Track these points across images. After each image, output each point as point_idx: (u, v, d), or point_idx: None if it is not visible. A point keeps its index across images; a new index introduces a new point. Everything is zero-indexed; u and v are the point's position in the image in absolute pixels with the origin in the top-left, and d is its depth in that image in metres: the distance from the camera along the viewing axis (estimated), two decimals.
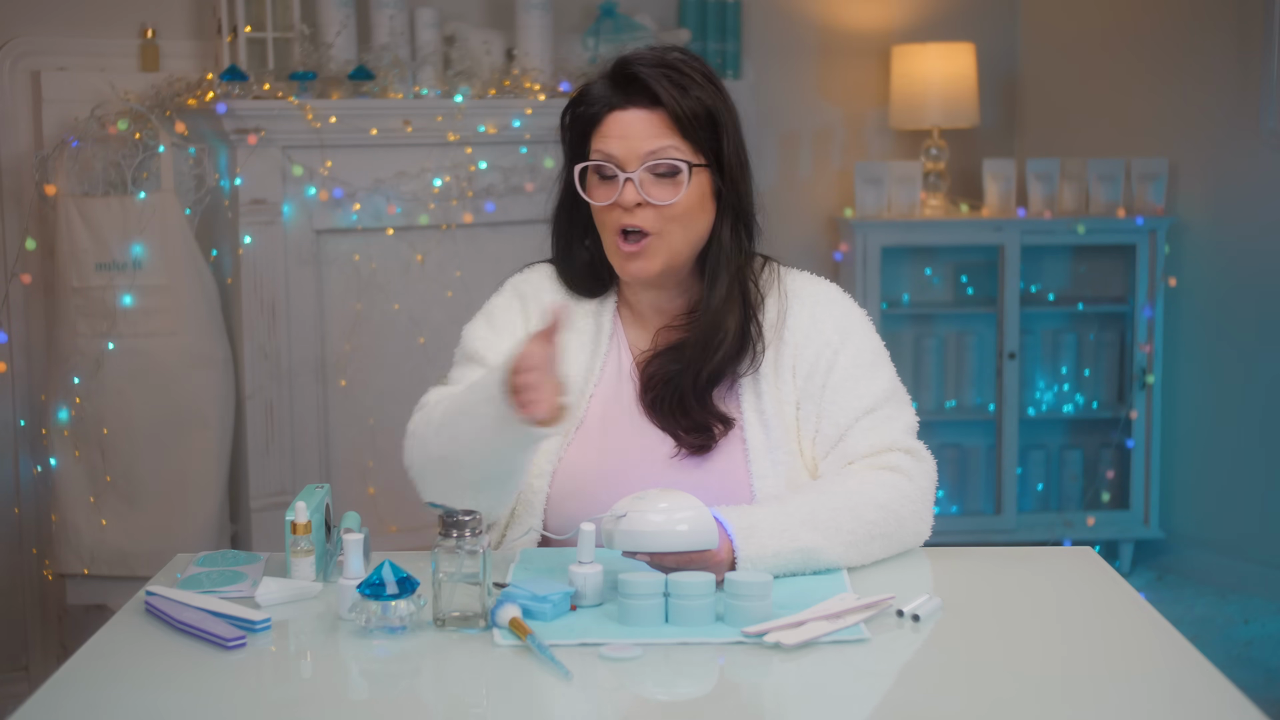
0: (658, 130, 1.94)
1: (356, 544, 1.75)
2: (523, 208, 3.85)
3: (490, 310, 2.12)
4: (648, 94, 1.94)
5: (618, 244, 1.96)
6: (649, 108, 1.94)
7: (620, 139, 1.94)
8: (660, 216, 1.94)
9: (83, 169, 3.44)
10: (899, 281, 4.63)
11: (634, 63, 1.96)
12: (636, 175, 1.93)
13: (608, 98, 1.96)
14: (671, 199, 1.93)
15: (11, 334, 3.52)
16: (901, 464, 1.97)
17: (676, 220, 1.95)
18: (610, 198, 1.95)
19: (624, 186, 1.93)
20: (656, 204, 1.93)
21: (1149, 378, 4.46)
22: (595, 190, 1.97)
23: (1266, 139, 4.18)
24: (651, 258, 1.95)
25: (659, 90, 1.93)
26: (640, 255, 1.95)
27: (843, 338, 2.03)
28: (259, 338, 3.56)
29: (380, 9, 3.71)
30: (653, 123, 1.94)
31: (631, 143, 1.94)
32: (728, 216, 2.00)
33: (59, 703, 1.52)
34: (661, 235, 1.94)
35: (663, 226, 1.94)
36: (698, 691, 1.59)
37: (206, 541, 3.46)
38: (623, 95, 1.95)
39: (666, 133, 1.94)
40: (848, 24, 4.70)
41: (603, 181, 1.96)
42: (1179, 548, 4.52)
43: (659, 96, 1.94)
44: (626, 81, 1.96)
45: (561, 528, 1.98)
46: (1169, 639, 1.67)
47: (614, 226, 1.96)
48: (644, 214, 1.94)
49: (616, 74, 1.97)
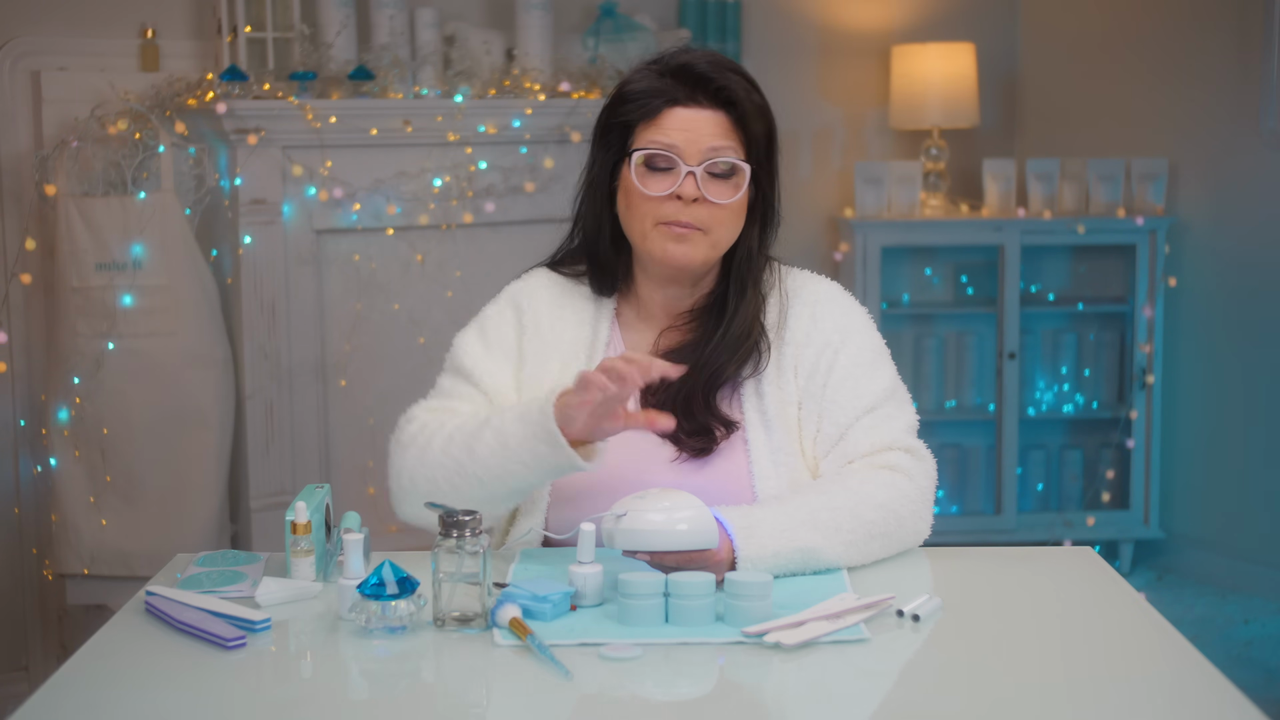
0: (722, 129, 1.95)
1: (356, 544, 1.75)
2: (523, 208, 3.85)
3: (484, 321, 2.10)
4: (717, 95, 1.95)
5: (664, 229, 1.95)
6: (713, 107, 1.95)
7: (683, 132, 1.94)
8: (712, 215, 1.95)
9: (83, 169, 3.44)
10: (899, 281, 4.63)
11: (700, 63, 1.96)
12: (699, 170, 1.93)
13: (668, 93, 1.96)
14: (728, 198, 1.95)
15: (11, 334, 3.52)
16: (901, 463, 1.97)
17: (725, 222, 1.96)
18: (664, 189, 1.95)
19: (684, 179, 1.94)
20: (714, 201, 1.94)
21: (1149, 378, 4.46)
22: (648, 180, 1.96)
23: (1266, 139, 4.18)
24: (696, 246, 1.96)
25: (735, 89, 1.95)
26: (687, 240, 1.95)
27: (843, 337, 2.04)
28: (259, 338, 3.56)
29: (380, 9, 3.71)
30: (716, 121, 1.95)
31: (695, 136, 1.94)
32: (757, 223, 2.02)
33: (59, 703, 1.52)
34: (709, 232, 1.96)
35: (713, 225, 1.96)
36: (698, 691, 1.59)
37: (206, 541, 3.46)
38: (686, 92, 1.95)
39: (729, 132, 1.95)
40: (848, 24, 4.70)
41: (653, 173, 1.96)
42: (1179, 548, 4.52)
43: (731, 96, 1.95)
44: (694, 80, 1.96)
45: (562, 529, 1.98)
46: (1169, 639, 1.67)
47: (661, 216, 1.95)
48: (697, 210, 1.94)
49: (679, 72, 1.97)
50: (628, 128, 1.99)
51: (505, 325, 2.08)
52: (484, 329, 2.09)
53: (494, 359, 2.06)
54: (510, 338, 2.07)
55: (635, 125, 1.98)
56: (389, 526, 3.68)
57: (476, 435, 1.91)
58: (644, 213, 1.97)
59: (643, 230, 1.97)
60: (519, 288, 2.12)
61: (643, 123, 1.97)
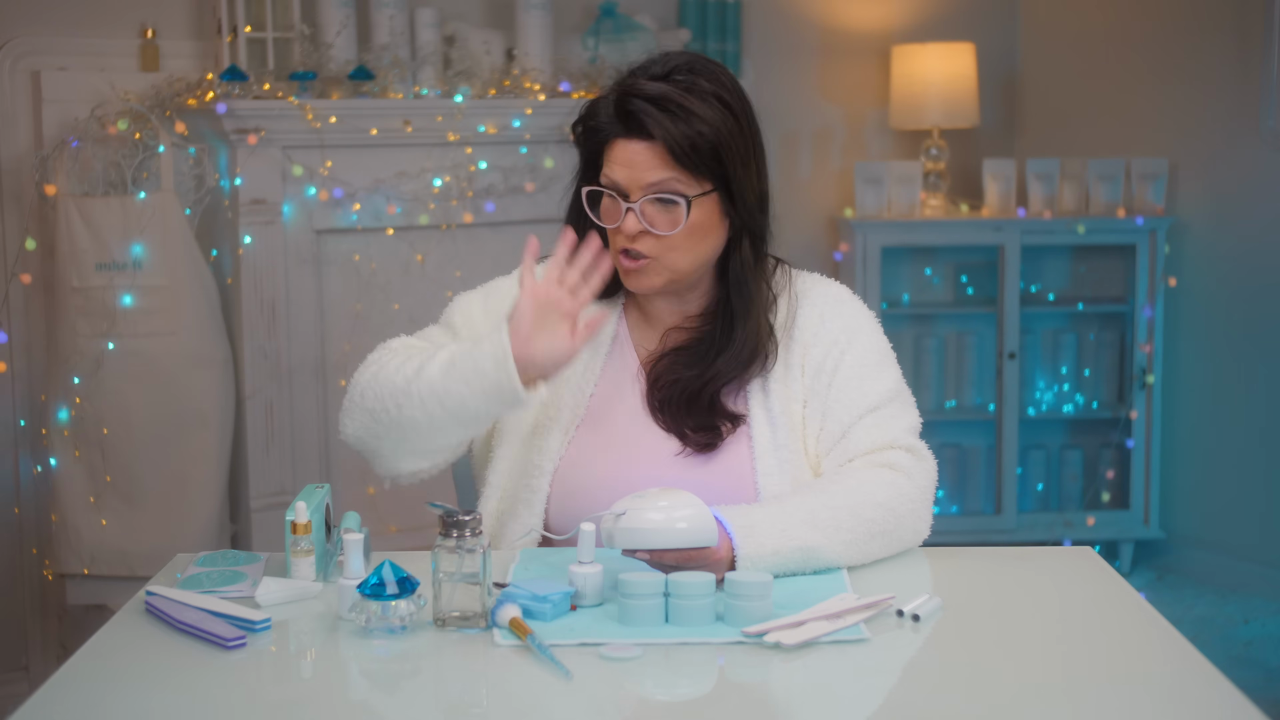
0: (658, 162, 1.93)
1: (356, 544, 1.75)
2: (523, 208, 3.85)
3: (491, 289, 2.13)
4: (644, 128, 1.93)
5: (621, 261, 1.98)
6: (648, 140, 1.93)
7: (624, 167, 1.94)
8: (660, 244, 1.95)
9: (83, 169, 3.44)
10: (899, 281, 4.63)
11: (633, 95, 1.93)
12: (638, 205, 1.93)
13: (611, 125, 1.96)
14: (672, 228, 1.94)
15: (11, 334, 3.52)
16: (901, 462, 1.98)
17: (677, 247, 1.96)
18: (613, 220, 1.96)
19: (625, 216, 1.94)
20: (656, 233, 1.94)
21: (1149, 378, 4.46)
22: (605, 210, 1.98)
23: (1266, 139, 4.18)
24: (653, 276, 1.97)
25: (653, 128, 1.92)
26: (641, 273, 1.97)
27: (850, 337, 2.05)
28: (259, 338, 3.56)
29: (380, 9, 3.71)
30: (653, 154, 1.93)
31: (634, 172, 1.94)
32: (745, 232, 2.00)
33: (59, 703, 1.52)
34: (661, 259, 1.96)
35: (663, 252, 1.95)
36: (698, 691, 1.59)
37: (206, 541, 3.46)
38: (622, 126, 1.95)
39: (667, 164, 1.93)
40: (848, 24, 4.70)
41: (612, 202, 1.97)
42: (1179, 548, 4.52)
43: (656, 134, 1.92)
44: (626, 114, 1.94)
45: (562, 527, 1.99)
46: (1169, 639, 1.67)
47: (617, 246, 1.97)
48: (645, 241, 1.95)
49: (617, 108, 1.95)
50: (596, 154, 1.99)
51: (510, 300, 2.09)
52: (488, 296, 2.11)
53: (486, 323, 2.07)
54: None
55: (600, 153, 1.98)
56: (389, 526, 3.70)
57: (431, 356, 1.93)
58: (610, 239, 1.99)
59: (613, 256, 1.99)
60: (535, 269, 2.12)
61: (604, 147, 1.97)
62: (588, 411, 2.04)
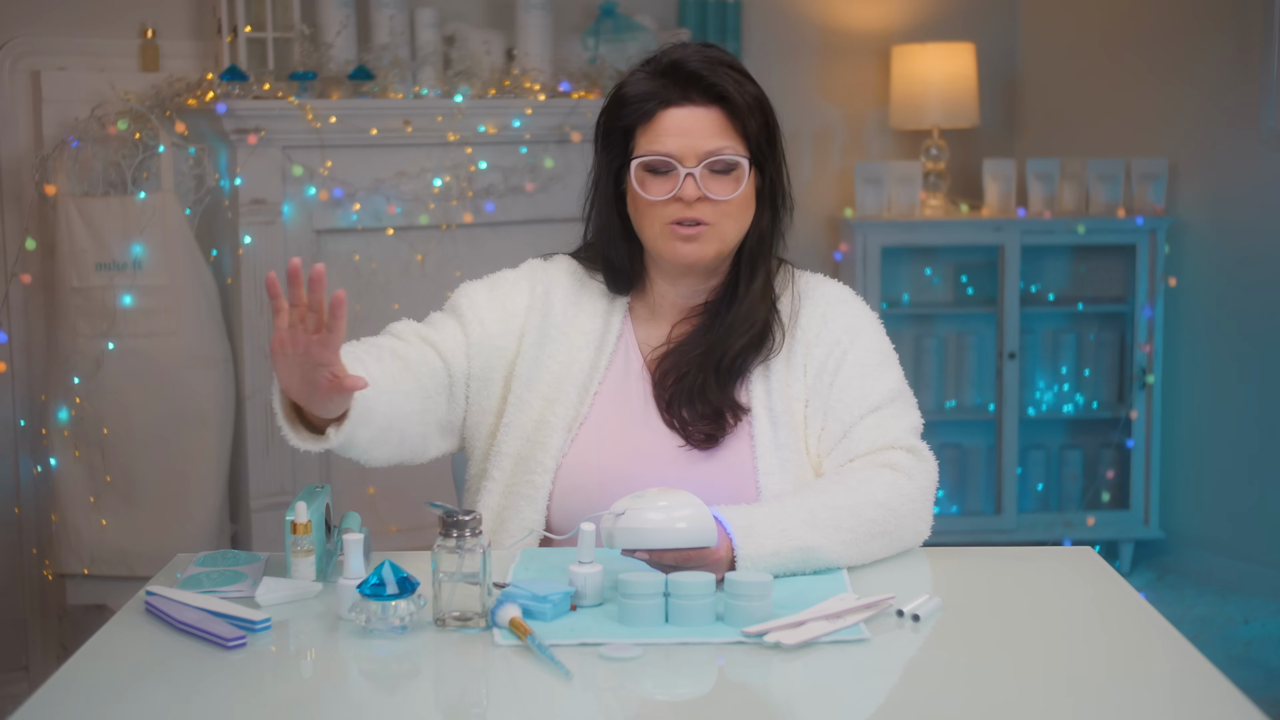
0: (717, 127, 1.96)
1: (356, 544, 1.75)
2: (523, 208, 3.85)
3: (497, 279, 2.13)
4: (708, 91, 1.96)
5: (671, 229, 1.97)
6: (706, 105, 1.96)
7: (678, 136, 1.96)
8: (717, 210, 1.96)
9: (83, 169, 3.44)
10: (899, 281, 4.63)
11: (691, 60, 1.97)
12: (697, 171, 1.94)
13: (660, 95, 1.97)
14: (730, 194, 1.96)
15: (11, 334, 3.52)
16: (902, 462, 1.98)
17: (731, 215, 1.98)
18: (666, 192, 1.96)
19: (684, 182, 1.95)
20: (716, 199, 1.95)
21: (1149, 378, 4.46)
22: (649, 185, 1.98)
23: (1266, 139, 4.18)
24: (706, 243, 1.98)
25: (726, 85, 1.96)
26: (697, 239, 1.97)
27: (852, 337, 2.05)
28: (259, 338, 3.56)
29: (380, 9, 3.71)
30: (711, 119, 1.96)
31: (691, 139, 1.95)
32: (767, 210, 2.03)
33: (59, 703, 1.52)
34: (716, 226, 1.97)
35: (719, 219, 1.97)
36: (698, 691, 1.59)
37: (206, 541, 3.46)
38: (678, 92, 1.97)
39: (725, 129, 1.96)
40: (848, 24, 4.70)
41: (655, 176, 1.97)
42: (1179, 548, 4.52)
43: (723, 92, 1.96)
44: (685, 79, 1.97)
45: (564, 524, 1.99)
46: (1169, 639, 1.67)
47: (668, 218, 1.97)
48: (702, 207, 1.96)
49: (671, 71, 1.98)
50: (627, 132, 2.00)
51: (517, 292, 2.10)
52: (494, 284, 2.12)
53: (491, 310, 2.08)
54: (518, 304, 2.09)
55: (634, 129, 1.99)
56: (389, 526, 3.70)
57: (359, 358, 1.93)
58: (652, 216, 1.98)
59: (654, 233, 1.99)
60: (542, 267, 2.13)
61: (640, 126, 1.98)
62: (591, 409, 2.04)
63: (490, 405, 2.08)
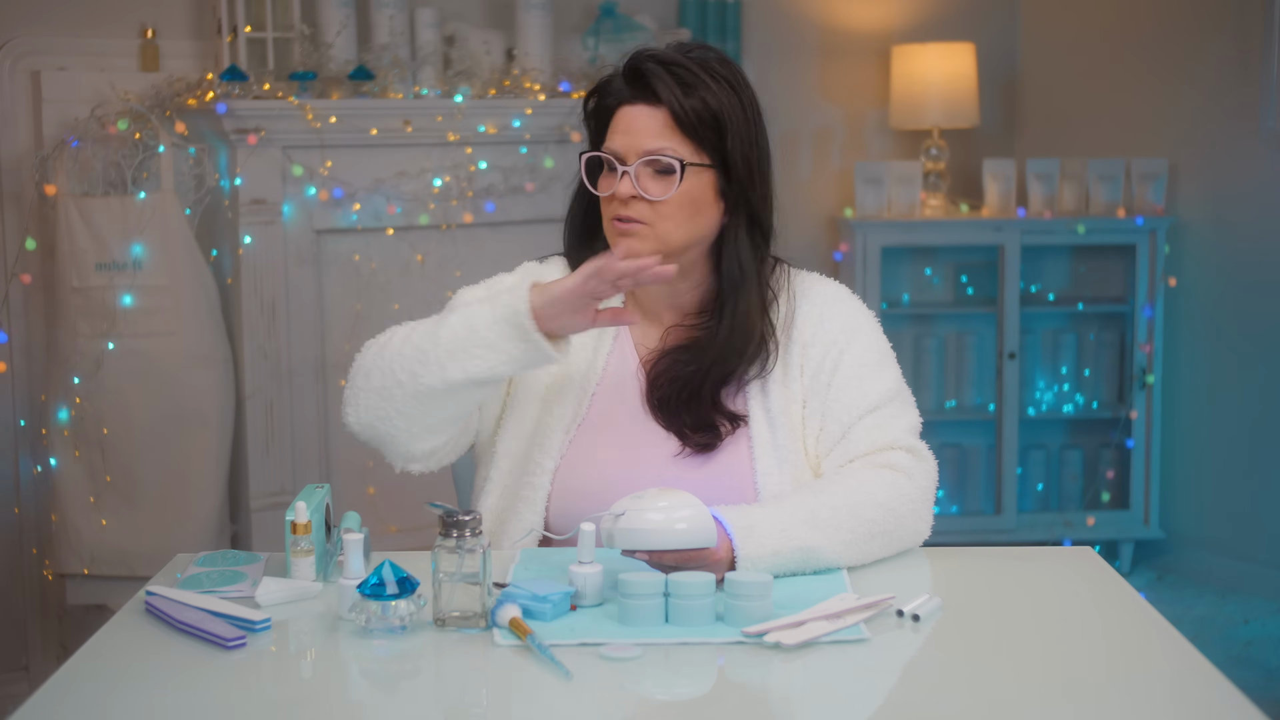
0: (659, 128, 1.96)
1: (356, 544, 1.75)
2: (523, 208, 3.85)
3: (493, 283, 2.13)
4: (652, 91, 1.96)
5: (613, 225, 1.99)
6: (652, 104, 1.97)
7: (624, 133, 1.97)
8: (653, 211, 1.96)
9: (83, 169, 3.44)
10: (899, 281, 4.63)
11: (645, 59, 1.98)
12: (633, 169, 1.95)
13: (620, 91, 2.00)
14: (663, 194, 1.95)
15: (11, 334, 3.52)
16: (902, 462, 1.98)
17: (669, 217, 1.96)
18: (608, 189, 1.98)
19: (620, 179, 1.96)
20: (648, 198, 1.95)
21: (1149, 378, 4.46)
22: (601, 181, 2.00)
23: (1266, 139, 4.18)
24: (641, 240, 1.96)
25: (659, 88, 1.96)
26: (631, 235, 1.97)
27: (849, 337, 2.05)
28: (259, 338, 3.56)
29: (380, 9, 3.71)
30: (655, 119, 1.96)
31: (634, 138, 1.96)
32: (741, 217, 2.01)
33: (59, 703, 1.52)
34: (653, 225, 1.96)
35: (655, 220, 1.96)
36: (698, 691, 1.59)
37: (206, 541, 3.46)
38: (631, 90, 1.98)
39: (667, 131, 1.96)
40: (848, 24, 4.70)
41: (609, 174, 1.99)
42: (1179, 548, 4.52)
43: (662, 97, 1.95)
44: (635, 77, 1.98)
45: (563, 526, 1.99)
46: (1169, 639, 1.67)
47: (610, 214, 1.99)
48: (637, 206, 1.96)
49: (629, 69, 2.00)
50: (603, 128, 2.02)
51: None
52: (492, 288, 2.11)
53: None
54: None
55: (605, 125, 2.02)
56: (389, 526, 3.70)
57: (441, 321, 1.94)
58: (604, 211, 2.01)
59: (606, 228, 2.01)
60: (538, 269, 2.14)
61: (608, 122, 2.01)
62: (589, 411, 2.04)
63: (492, 411, 2.08)
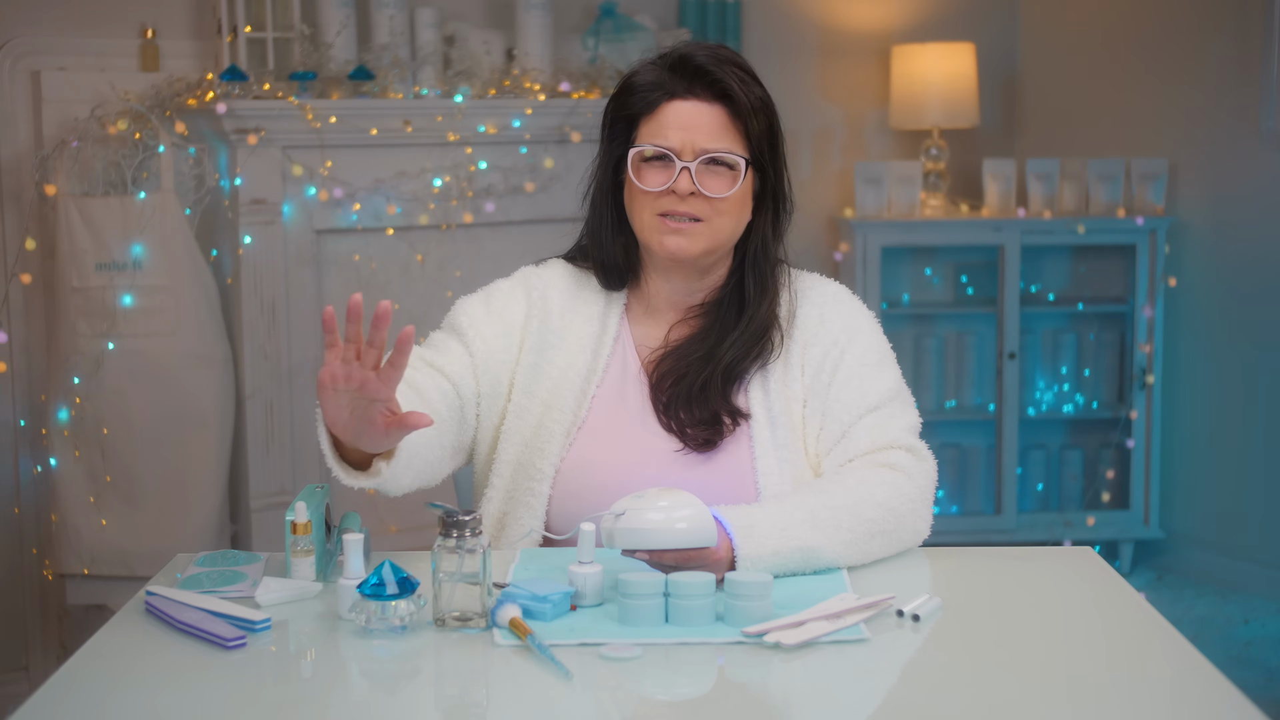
0: (718, 124, 1.96)
1: (356, 544, 1.75)
2: (523, 208, 3.85)
3: (492, 291, 2.12)
4: (713, 87, 1.96)
5: (661, 222, 1.97)
6: (710, 101, 1.97)
7: (679, 129, 1.96)
8: (711, 207, 1.96)
9: (83, 169, 3.44)
10: (899, 281, 4.63)
11: (698, 56, 1.98)
12: (694, 166, 1.94)
13: (666, 87, 1.98)
14: (725, 191, 1.96)
15: (11, 334, 3.52)
16: (901, 462, 1.98)
17: (726, 213, 1.97)
18: (661, 183, 1.96)
19: (679, 174, 1.95)
20: (710, 195, 1.95)
21: (1149, 378, 4.46)
22: (645, 174, 1.98)
23: (1266, 139, 4.18)
24: (694, 239, 1.97)
25: (731, 83, 1.96)
26: (683, 233, 1.97)
27: (850, 337, 2.05)
28: (259, 338, 3.56)
29: (380, 9, 3.71)
30: (714, 116, 1.97)
31: (691, 134, 1.96)
32: (769, 214, 2.03)
33: (59, 703, 1.52)
34: (709, 222, 1.97)
35: (712, 216, 1.97)
36: (698, 691, 1.59)
37: (206, 541, 3.46)
38: (684, 86, 1.97)
39: (727, 127, 1.97)
40: (848, 24, 4.70)
41: (652, 167, 1.98)
42: (1179, 548, 4.52)
43: (728, 90, 1.96)
44: (691, 73, 1.97)
45: (564, 527, 1.99)
46: (1169, 639, 1.67)
47: (659, 209, 1.97)
48: (695, 202, 1.96)
49: (679, 65, 1.98)
50: (631, 121, 2.01)
51: (513, 302, 2.09)
52: (490, 297, 2.11)
53: (491, 324, 2.07)
54: (516, 314, 2.08)
55: (638, 119, 2.00)
56: (389, 526, 3.70)
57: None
58: (644, 205, 1.99)
59: (644, 222, 1.99)
60: (535, 273, 2.13)
61: (644, 116, 1.99)
62: (589, 414, 2.04)
63: (494, 419, 2.08)
